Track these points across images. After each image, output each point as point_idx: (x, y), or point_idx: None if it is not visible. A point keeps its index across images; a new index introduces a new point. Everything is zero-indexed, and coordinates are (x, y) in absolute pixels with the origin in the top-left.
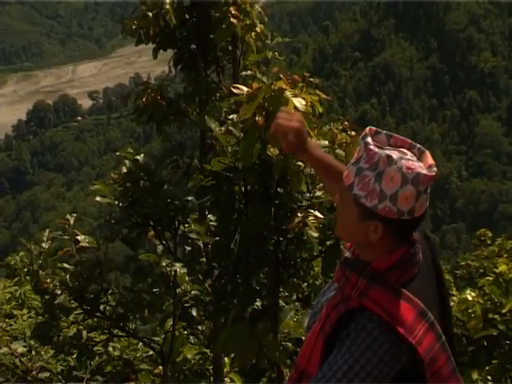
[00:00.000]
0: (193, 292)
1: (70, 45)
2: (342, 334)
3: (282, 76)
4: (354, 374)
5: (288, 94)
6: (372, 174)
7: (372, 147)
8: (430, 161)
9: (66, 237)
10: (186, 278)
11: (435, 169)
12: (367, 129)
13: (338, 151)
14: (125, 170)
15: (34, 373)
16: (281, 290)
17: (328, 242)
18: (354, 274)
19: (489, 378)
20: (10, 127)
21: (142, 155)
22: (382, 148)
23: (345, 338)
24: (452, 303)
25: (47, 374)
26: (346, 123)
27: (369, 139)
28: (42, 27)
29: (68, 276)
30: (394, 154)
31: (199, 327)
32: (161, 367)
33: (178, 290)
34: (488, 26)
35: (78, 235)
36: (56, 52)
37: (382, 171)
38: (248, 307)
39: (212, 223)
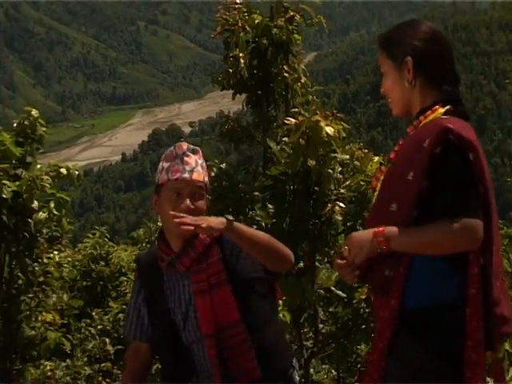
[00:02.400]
0: None
1: (176, 90)
2: (229, 252)
3: (318, 112)
4: None
5: (322, 124)
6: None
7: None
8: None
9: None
10: None
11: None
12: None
13: (356, 163)
14: (213, 174)
15: None
16: (316, 255)
17: (348, 224)
18: (192, 247)
19: None
20: (137, 145)
21: (224, 164)
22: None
23: (233, 249)
24: None
25: None
26: (361, 144)
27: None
28: (158, 78)
29: None
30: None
31: None
32: None
33: None
34: None
35: None
36: (167, 95)
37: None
38: (295, 266)
39: (271, 210)
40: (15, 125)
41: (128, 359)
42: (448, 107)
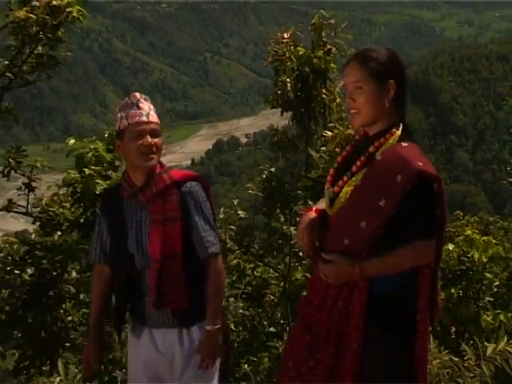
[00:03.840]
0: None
1: (236, 109)
2: (187, 202)
3: (350, 126)
4: (211, 213)
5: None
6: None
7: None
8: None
9: (232, 211)
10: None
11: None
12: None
13: None
14: (264, 176)
15: None
16: None
17: None
18: (155, 183)
19: (460, 292)
20: (203, 152)
21: (273, 168)
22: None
23: (195, 204)
24: None
25: None
26: None
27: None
28: (220, 99)
29: (233, 232)
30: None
31: (303, 261)
32: (282, 283)
33: (291, 242)
34: (462, 101)
35: (238, 211)
36: (228, 112)
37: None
38: None
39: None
40: (106, 135)
41: (94, 282)
42: (401, 127)
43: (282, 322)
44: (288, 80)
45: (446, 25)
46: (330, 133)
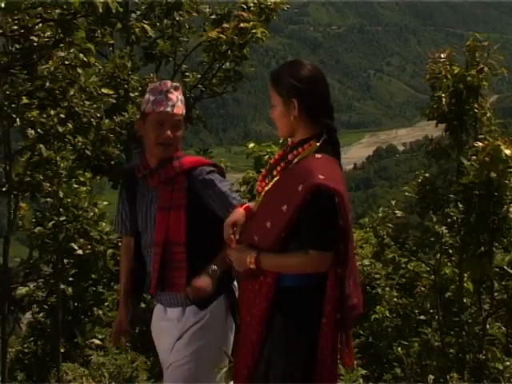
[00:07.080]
0: (450, 241)
1: (394, 120)
2: (196, 187)
3: (499, 138)
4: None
5: (502, 147)
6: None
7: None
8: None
9: (389, 211)
10: (447, 234)
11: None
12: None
13: None
14: (419, 181)
15: None
16: (494, 242)
17: None
18: (164, 170)
19: None
20: (365, 158)
21: (427, 174)
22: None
23: (206, 185)
24: None
25: None
26: None
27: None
28: (381, 111)
29: (390, 230)
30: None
31: (452, 258)
32: (432, 277)
33: (442, 240)
34: None
35: (395, 210)
36: (388, 123)
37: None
38: (478, 250)
39: (461, 208)
40: (281, 141)
41: (122, 253)
42: (322, 139)
43: (431, 311)
44: (443, 95)
45: None
46: (480, 143)
